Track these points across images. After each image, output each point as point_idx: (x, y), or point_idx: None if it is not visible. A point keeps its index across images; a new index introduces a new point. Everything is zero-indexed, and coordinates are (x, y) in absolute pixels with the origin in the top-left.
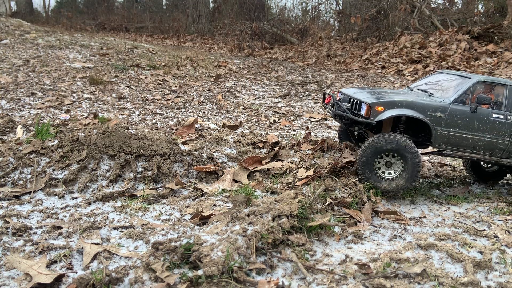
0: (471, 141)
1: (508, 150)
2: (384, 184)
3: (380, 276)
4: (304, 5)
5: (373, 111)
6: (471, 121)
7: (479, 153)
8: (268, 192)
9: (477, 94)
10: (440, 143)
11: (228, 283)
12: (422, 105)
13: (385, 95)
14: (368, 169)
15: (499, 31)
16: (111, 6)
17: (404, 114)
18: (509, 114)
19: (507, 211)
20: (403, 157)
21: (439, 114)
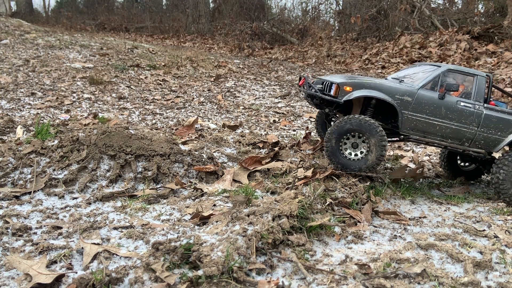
0: (438, 127)
1: (476, 140)
2: (350, 165)
3: (380, 276)
4: (304, 5)
5: (341, 91)
6: (439, 107)
7: (446, 141)
8: (268, 192)
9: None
10: (407, 128)
11: (228, 283)
12: (390, 88)
13: (356, 78)
14: (335, 150)
15: (499, 31)
16: (111, 6)
17: (371, 95)
18: (478, 104)
19: (507, 211)
20: (368, 138)
21: (406, 98)
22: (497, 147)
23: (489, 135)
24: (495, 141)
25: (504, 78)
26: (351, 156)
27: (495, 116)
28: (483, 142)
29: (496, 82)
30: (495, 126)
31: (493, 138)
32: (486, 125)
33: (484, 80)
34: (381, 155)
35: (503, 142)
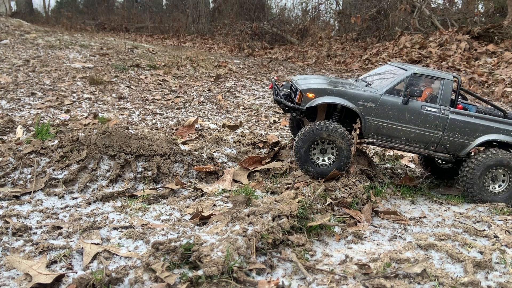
0: (403, 132)
1: (441, 144)
2: (319, 170)
3: (380, 276)
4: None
5: (304, 98)
6: (403, 112)
7: (411, 145)
8: (268, 192)
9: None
10: (371, 133)
11: (228, 283)
12: (353, 94)
13: (321, 83)
14: (305, 158)
15: (499, 31)
16: (111, 6)
17: (333, 102)
18: (444, 108)
19: (507, 211)
20: (336, 144)
21: (369, 104)
22: (464, 151)
23: (455, 139)
24: (462, 145)
25: (504, 78)
26: (319, 161)
27: (461, 120)
28: (450, 146)
29: (496, 82)
30: (461, 130)
31: (459, 142)
32: (451, 129)
33: (450, 83)
34: (348, 161)
35: (470, 146)
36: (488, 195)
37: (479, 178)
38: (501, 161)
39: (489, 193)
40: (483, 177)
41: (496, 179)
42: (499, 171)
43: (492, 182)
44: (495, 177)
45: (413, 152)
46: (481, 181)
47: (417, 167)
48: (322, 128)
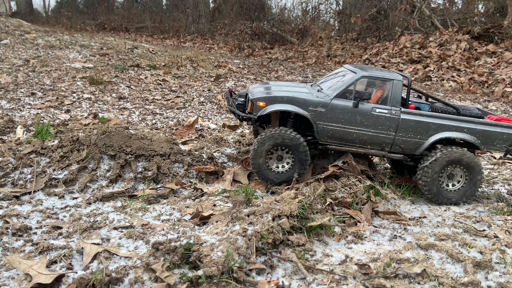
0: (355, 135)
1: (395, 144)
2: (276, 177)
3: (380, 276)
4: (304, 5)
5: (255, 107)
6: (354, 116)
7: (366, 148)
8: (268, 192)
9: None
10: (325, 137)
11: (228, 283)
12: (303, 101)
13: (272, 91)
14: (262, 165)
15: (499, 31)
16: (111, 6)
17: (284, 109)
18: (394, 109)
19: (507, 211)
20: (292, 150)
21: (320, 109)
22: (419, 150)
23: (409, 139)
24: (416, 145)
25: (504, 78)
26: (278, 168)
27: (413, 120)
28: (404, 146)
29: (496, 82)
30: (414, 129)
31: (413, 141)
32: (404, 129)
33: (400, 84)
34: (305, 166)
35: (424, 145)
36: (445, 193)
37: (436, 177)
38: (455, 159)
39: (446, 191)
40: (439, 176)
41: (452, 177)
42: (455, 169)
43: (449, 180)
44: (452, 175)
45: (368, 154)
46: (438, 179)
47: None
48: (275, 135)
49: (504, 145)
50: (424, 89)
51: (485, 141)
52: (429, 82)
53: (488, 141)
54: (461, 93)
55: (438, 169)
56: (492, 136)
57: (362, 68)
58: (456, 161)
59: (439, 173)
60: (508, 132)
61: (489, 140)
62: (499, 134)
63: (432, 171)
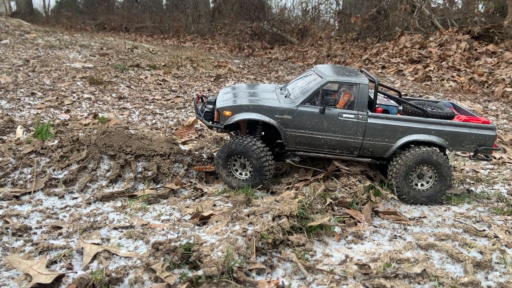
0: (323, 141)
1: (364, 148)
2: (239, 184)
3: (380, 276)
4: (304, 5)
5: (221, 116)
6: (321, 122)
7: (335, 152)
8: (268, 192)
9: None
10: (293, 144)
11: (228, 283)
12: (269, 108)
13: (239, 98)
14: (225, 170)
15: (499, 31)
16: (111, 6)
17: (250, 118)
18: (361, 113)
19: (507, 211)
20: (248, 158)
21: (286, 117)
22: (387, 153)
23: (377, 143)
24: (384, 148)
25: (504, 78)
26: (241, 176)
27: (380, 124)
28: (372, 150)
29: (496, 82)
30: (381, 133)
31: (381, 145)
32: (371, 133)
33: (366, 88)
34: (264, 172)
35: (392, 147)
36: (415, 193)
37: (405, 177)
38: (424, 159)
39: (416, 191)
40: (408, 175)
41: (422, 176)
42: (424, 169)
43: (419, 179)
44: (422, 175)
45: (338, 159)
46: (407, 179)
47: None
48: (236, 144)
49: (473, 146)
50: (424, 89)
51: (453, 142)
52: (429, 82)
53: (456, 142)
54: (461, 93)
55: (407, 169)
56: (460, 137)
57: (330, 70)
58: (425, 161)
59: (408, 173)
60: (476, 132)
61: (457, 141)
62: (467, 135)
63: (401, 171)
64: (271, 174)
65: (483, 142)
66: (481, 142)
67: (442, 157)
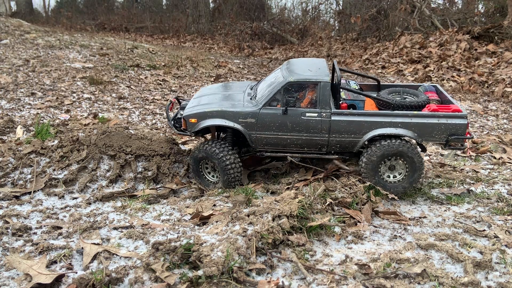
0: (289, 141)
1: (331, 145)
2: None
3: (380, 276)
4: (304, 5)
5: (188, 124)
6: (284, 123)
7: (304, 151)
8: (268, 192)
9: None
10: (261, 145)
11: (228, 283)
12: (232, 113)
13: (205, 104)
14: (197, 175)
15: (499, 31)
16: (111, 6)
17: (215, 124)
18: (324, 111)
19: (507, 211)
20: (213, 162)
21: (250, 120)
22: (355, 147)
23: (343, 139)
24: (351, 143)
25: (504, 78)
26: (214, 178)
27: (344, 120)
28: (339, 146)
29: (496, 82)
30: (346, 130)
31: (347, 141)
32: (336, 130)
33: (327, 85)
34: (228, 173)
35: (360, 142)
36: (386, 185)
37: (374, 169)
38: (392, 151)
39: (387, 183)
40: (378, 168)
41: (394, 168)
42: (395, 161)
43: (390, 171)
44: (393, 166)
45: (308, 157)
46: (377, 171)
47: None
48: (199, 150)
49: (443, 136)
50: None
51: (422, 134)
52: (429, 82)
53: (425, 133)
54: (461, 93)
55: (376, 162)
56: (428, 128)
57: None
58: (394, 153)
59: (377, 165)
60: (446, 122)
61: (427, 132)
62: (436, 125)
63: (371, 163)
64: (237, 175)
65: (454, 131)
66: (452, 131)
67: (410, 148)
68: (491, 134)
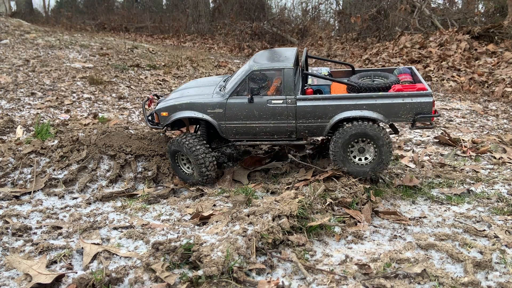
0: (258, 129)
1: (300, 131)
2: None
3: (380, 276)
4: (304, 5)
5: (160, 118)
6: (251, 111)
7: (274, 138)
8: (268, 192)
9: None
10: (231, 135)
11: (228, 283)
12: (201, 105)
13: (176, 98)
14: (175, 168)
15: (499, 31)
16: (111, 6)
17: (185, 116)
18: (289, 97)
19: (507, 211)
20: (185, 155)
21: (218, 110)
22: (324, 132)
23: (310, 124)
24: (319, 128)
25: (504, 78)
26: (189, 170)
27: (309, 106)
28: (308, 131)
29: (496, 82)
30: (312, 114)
31: (315, 126)
32: (302, 116)
33: (291, 72)
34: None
35: (327, 127)
36: (355, 167)
37: (342, 151)
38: (358, 133)
39: (355, 165)
40: (346, 150)
41: (363, 151)
42: (364, 143)
43: (361, 154)
44: (363, 148)
45: (278, 144)
46: (346, 154)
47: (418, 166)
48: (174, 143)
49: (410, 115)
50: None
51: (388, 114)
52: (429, 82)
53: (391, 113)
54: (461, 93)
55: (343, 144)
56: (394, 108)
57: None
58: (360, 135)
59: (345, 148)
60: (411, 101)
61: (393, 112)
62: (401, 105)
63: (338, 146)
64: (210, 167)
65: (420, 110)
66: (418, 110)
67: (380, 131)
68: (491, 134)
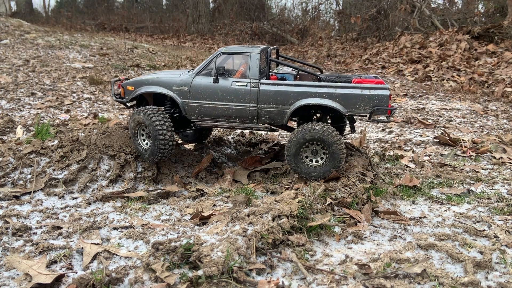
0: (221, 110)
1: (261, 116)
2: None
3: (380, 276)
4: (304, 5)
5: (126, 91)
6: (215, 91)
7: (235, 122)
8: (268, 192)
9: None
10: (194, 115)
11: (228, 283)
12: (167, 81)
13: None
14: (136, 143)
15: (499, 31)
16: (111, 6)
17: (149, 91)
18: (254, 81)
19: (507, 211)
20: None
21: (183, 88)
22: (284, 119)
23: (271, 109)
24: (280, 114)
25: (504, 78)
26: (145, 145)
27: (272, 90)
28: (269, 117)
29: (496, 82)
30: (274, 99)
31: (276, 111)
32: (264, 100)
33: (257, 56)
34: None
35: (287, 113)
36: (307, 169)
37: (295, 153)
38: (311, 137)
39: (307, 167)
40: (299, 152)
41: (317, 153)
42: (316, 146)
43: (314, 156)
44: (316, 151)
45: (239, 128)
46: (298, 156)
47: (418, 166)
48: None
49: (367, 107)
50: (424, 89)
51: (347, 104)
52: (429, 82)
53: (349, 104)
54: (461, 93)
55: (296, 146)
56: (352, 99)
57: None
58: (312, 139)
59: (298, 150)
60: (369, 93)
61: (351, 103)
62: (359, 96)
63: (291, 148)
64: (167, 145)
65: (377, 102)
66: (375, 102)
67: (331, 134)
68: (491, 134)
